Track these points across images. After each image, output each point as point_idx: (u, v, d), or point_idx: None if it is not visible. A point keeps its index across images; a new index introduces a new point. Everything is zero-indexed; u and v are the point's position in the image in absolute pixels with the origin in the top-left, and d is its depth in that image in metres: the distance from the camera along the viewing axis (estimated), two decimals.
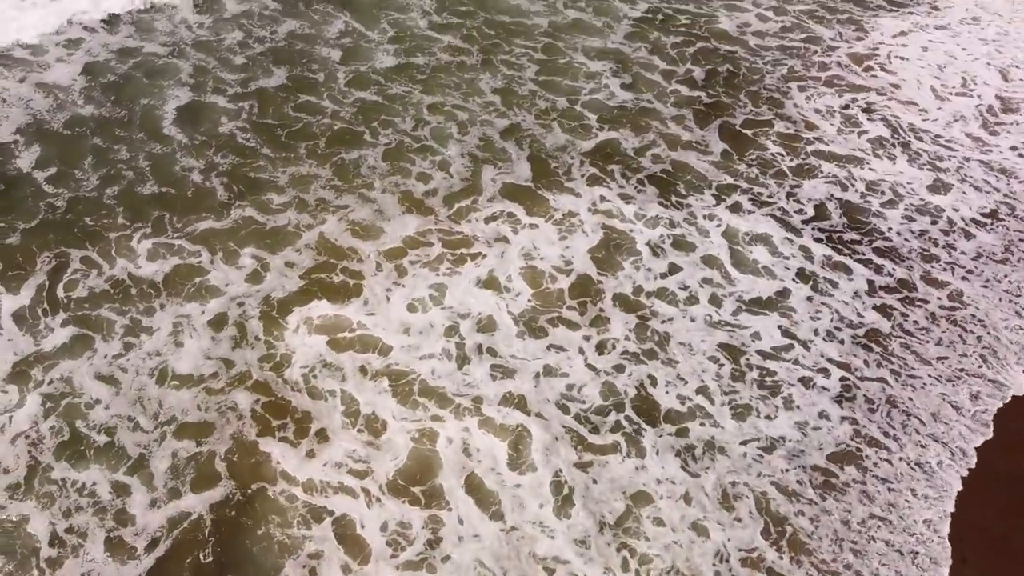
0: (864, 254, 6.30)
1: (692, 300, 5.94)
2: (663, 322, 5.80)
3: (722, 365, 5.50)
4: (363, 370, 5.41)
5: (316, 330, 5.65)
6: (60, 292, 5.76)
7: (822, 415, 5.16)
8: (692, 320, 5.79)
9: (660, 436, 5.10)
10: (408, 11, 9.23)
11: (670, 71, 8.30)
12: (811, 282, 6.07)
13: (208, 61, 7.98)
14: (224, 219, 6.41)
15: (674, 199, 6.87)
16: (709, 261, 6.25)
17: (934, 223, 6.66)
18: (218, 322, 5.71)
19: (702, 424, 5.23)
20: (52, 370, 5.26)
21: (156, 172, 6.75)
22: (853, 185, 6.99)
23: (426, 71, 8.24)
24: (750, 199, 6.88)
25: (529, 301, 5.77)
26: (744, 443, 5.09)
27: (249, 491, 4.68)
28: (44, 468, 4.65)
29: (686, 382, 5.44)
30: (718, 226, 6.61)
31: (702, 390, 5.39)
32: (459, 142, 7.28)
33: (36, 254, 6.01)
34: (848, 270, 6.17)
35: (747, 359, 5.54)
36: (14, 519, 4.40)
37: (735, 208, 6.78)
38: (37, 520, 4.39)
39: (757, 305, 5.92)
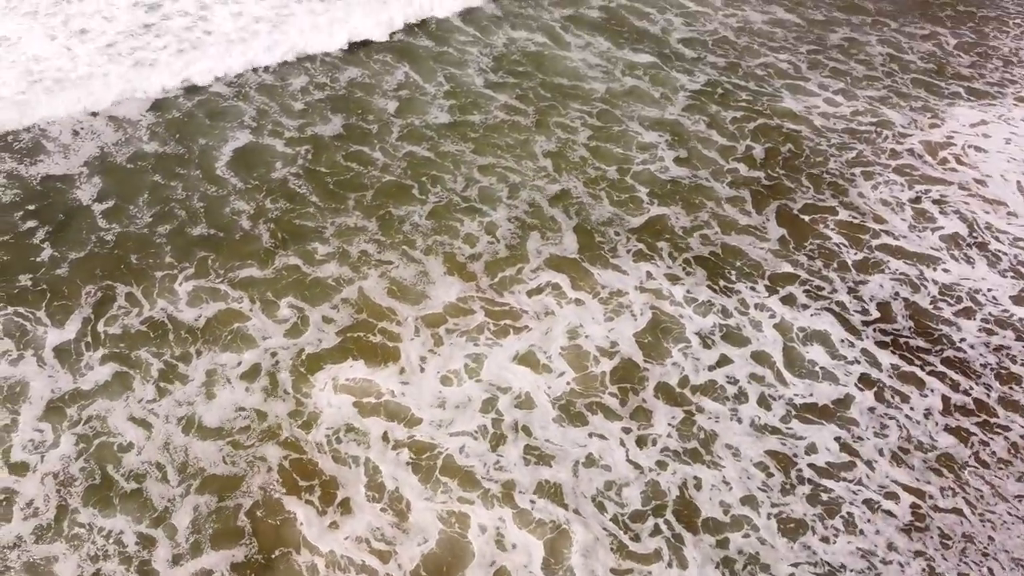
0: (934, 365, 6.14)
1: (741, 398, 5.87)
2: (709, 419, 5.72)
3: (771, 475, 5.36)
4: (389, 440, 5.50)
5: (347, 391, 5.79)
6: (101, 328, 6.06)
7: (891, 547, 4.93)
8: (739, 421, 5.70)
9: (699, 547, 4.95)
10: (465, 67, 9.72)
11: (728, 148, 8.47)
12: (875, 391, 5.92)
13: (270, 105, 8.53)
14: (267, 267, 6.72)
15: (724, 284, 6.88)
16: (760, 358, 6.20)
17: (1019, 339, 6.45)
18: (251, 373, 5.92)
19: (746, 536, 5.06)
20: (87, 409, 5.52)
21: (207, 213, 7.16)
22: (924, 287, 6.89)
23: (479, 129, 8.61)
24: (807, 292, 6.85)
25: (569, 384, 5.80)
26: (795, 565, 4.89)
27: (272, 555, 4.73)
28: (72, 511, 4.82)
29: (731, 488, 5.31)
30: (771, 318, 6.58)
31: (748, 500, 5.26)
32: (508, 206, 7.52)
33: (82, 287, 6.40)
34: (920, 383, 6.02)
35: (799, 471, 5.39)
36: (42, 562, 4.54)
37: (790, 300, 6.74)
38: (64, 564, 4.54)
39: (812, 412, 5.81)
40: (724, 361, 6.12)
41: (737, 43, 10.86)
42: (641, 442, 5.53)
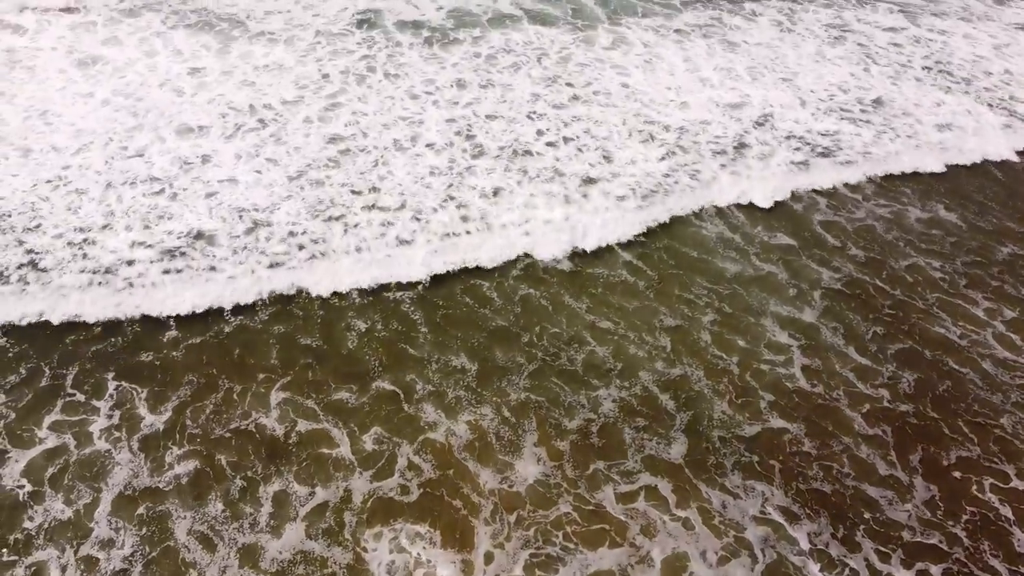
0: None
1: None
2: None
3: None
4: None
5: (405, 555, 5.42)
6: (189, 422, 6.20)
7: None
8: None
9: None
10: None
11: (868, 370, 7.74)
12: None
13: None
14: (363, 393, 6.71)
15: (847, 535, 5.96)
16: None
17: None
18: (321, 509, 5.73)
19: None
20: (157, 509, 5.52)
21: (321, 322, 7.40)
22: None
23: (599, 286, 8.53)
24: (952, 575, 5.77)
25: None
26: None
27: None
28: None
29: None
30: None
31: None
32: (616, 384, 7.17)
33: (185, 374, 6.67)
34: None
35: None
36: None
37: None
38: None
39: None
40: None
41: (883, 237, 10.26)
42: None
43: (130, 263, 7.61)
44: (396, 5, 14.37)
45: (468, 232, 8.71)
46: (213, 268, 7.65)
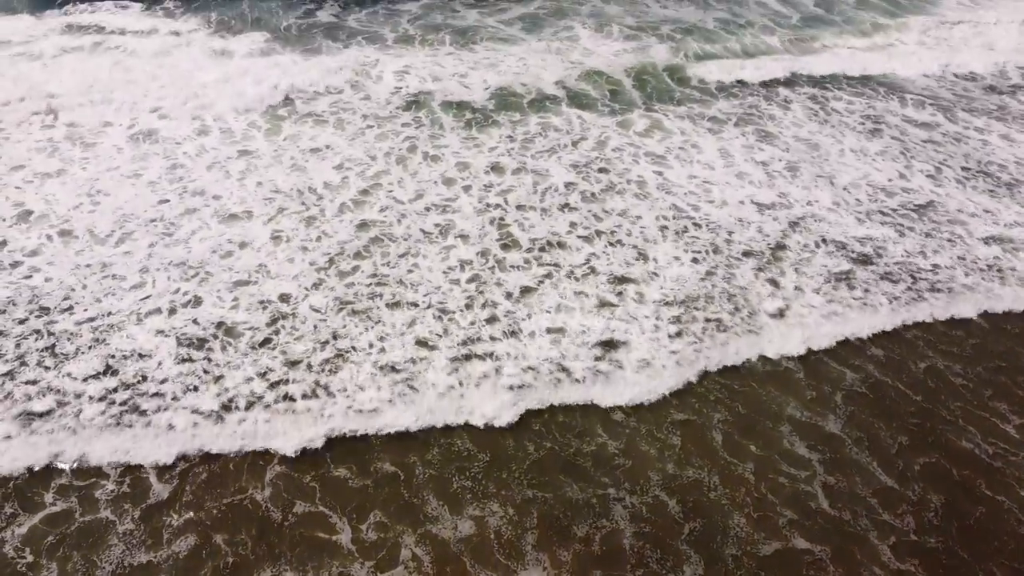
0: None
1: None
2: None
3: None
4: None
5: None
6: (189, 490, 6.12)
7: None
8: None
9: None
10: None
11: (894, 494, 7.02)
12: None
13: None
14: (364, 475, 6.53)
15: None
16: None
17: None
18: None
19: None
20: None
21: None
22: None
23: None
24: None
25: None
26: None
27: None
28: None
29: None
30: None
31: None
32: (627, 487, 6.75)
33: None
34: None
35: None
36: None
37: None
38: None
39: None
40: None
41: (902, 335, 9.39)
42: None
43: (143, 356, 7.40)
44: (449, 85, 14.64)
45: (493, 337, 8.13)
46: (229, 363, 7.41)
